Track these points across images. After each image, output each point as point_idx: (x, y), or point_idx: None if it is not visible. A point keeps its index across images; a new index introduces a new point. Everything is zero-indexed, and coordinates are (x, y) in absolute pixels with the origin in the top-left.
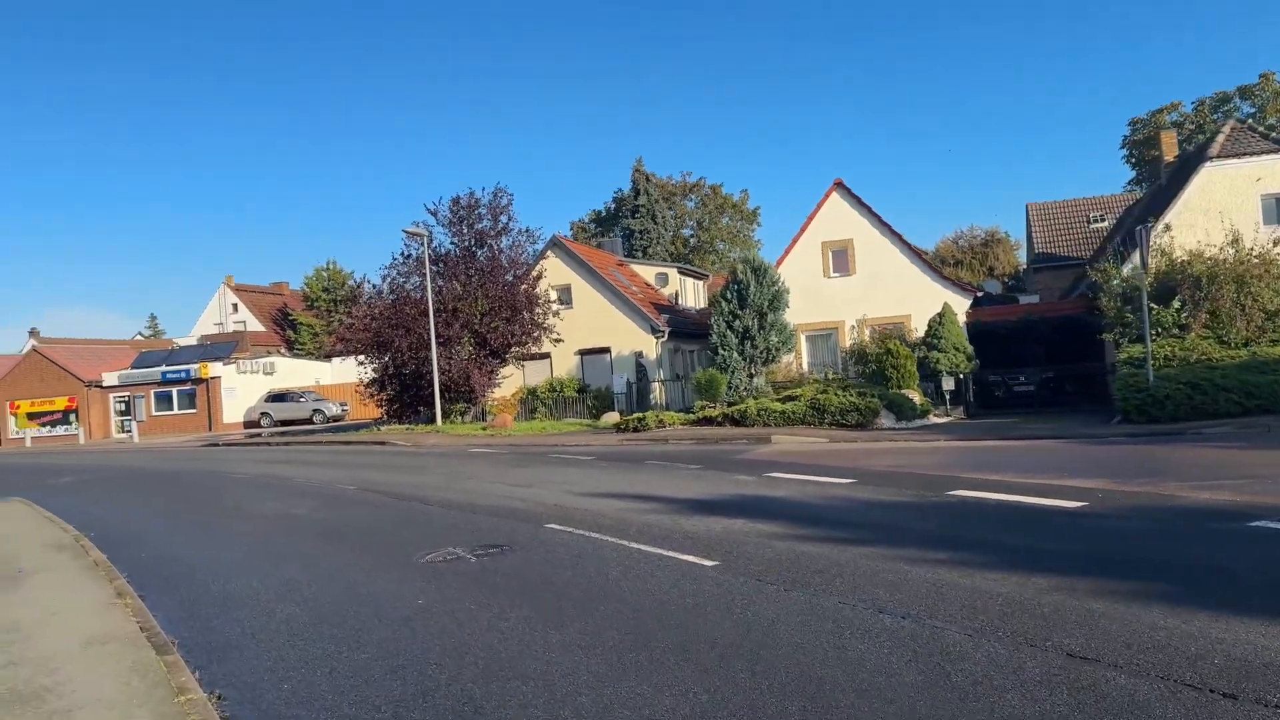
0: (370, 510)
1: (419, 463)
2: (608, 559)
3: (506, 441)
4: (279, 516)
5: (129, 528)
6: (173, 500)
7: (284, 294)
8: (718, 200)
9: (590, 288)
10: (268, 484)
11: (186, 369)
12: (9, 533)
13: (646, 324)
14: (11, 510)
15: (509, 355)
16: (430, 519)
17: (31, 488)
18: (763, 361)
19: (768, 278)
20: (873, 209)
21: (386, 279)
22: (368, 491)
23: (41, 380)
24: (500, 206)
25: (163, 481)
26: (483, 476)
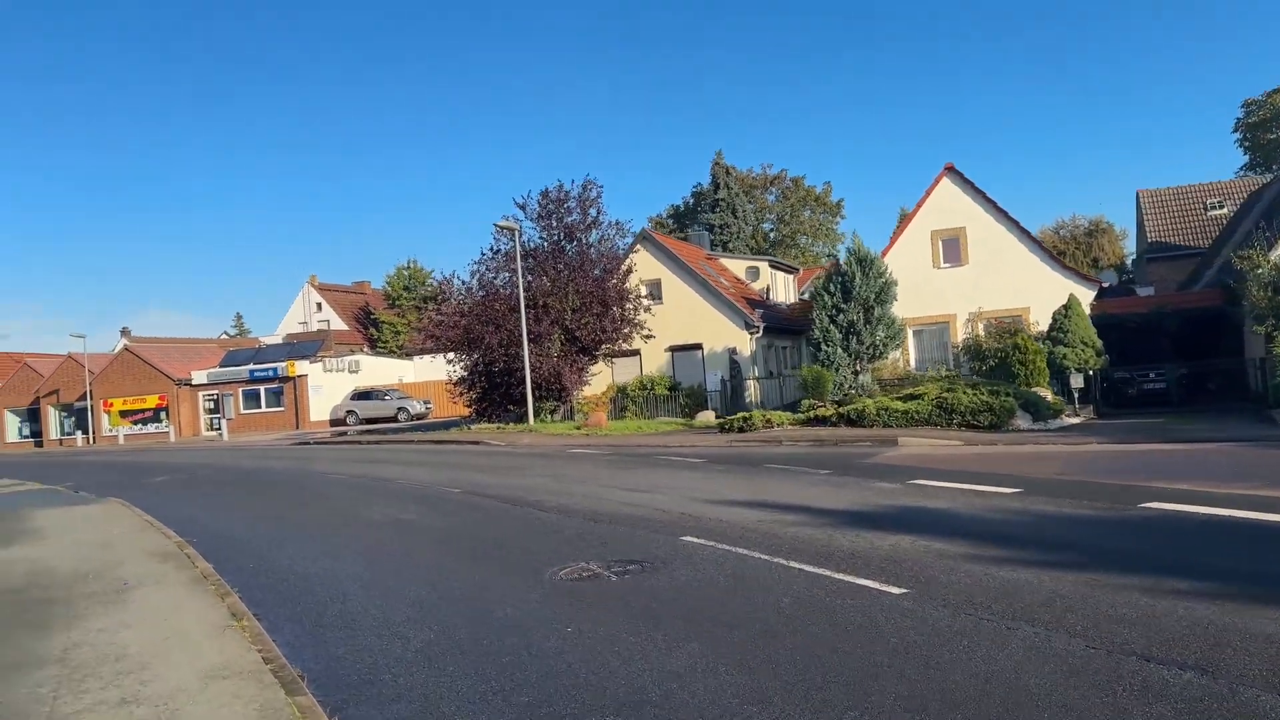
0: (484, 517)
1: (520, 463)
2: (770, 582)
3: (605, 441)
4: (389, 523)
5: (232, 534)
6: (273, 503)
7: (366, 293)
8: (799, 193)
9: (681, 282)
10: (369, 486)
11: (273, 367)
12: (110, 538)
13: (740, 319)
14: (110, 512)
15: (599, 352)
16: (550, 528)
17: (127, 487)
18: (869, 358)
19: (874, 269)
20: (987, 194)
21: (476, 274)
22: (475, 495)
23: (133, 379)
24: (589, 199)
25: (259, 482)
26: (593, 479)
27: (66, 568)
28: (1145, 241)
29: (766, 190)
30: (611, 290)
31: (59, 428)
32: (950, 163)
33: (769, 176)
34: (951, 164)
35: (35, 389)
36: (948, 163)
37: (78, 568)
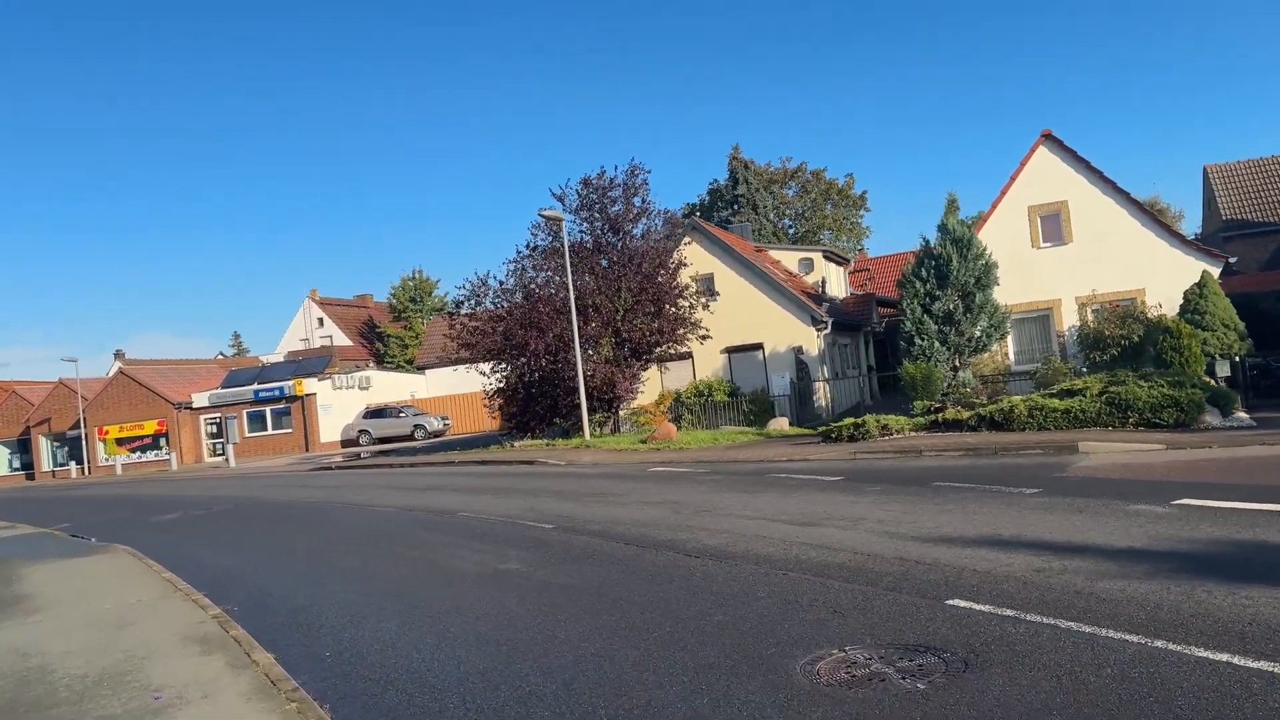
0: (614, 566)
1: (603, 488)
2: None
3: (687, 456)
4: (491, 577)
5: (284, 595)
6: (320, 547)
7: (369, 306)
8: (821, 186)
9: (737, 276)
10: (432, 522)
11: (279, 386)
12: (124, 610)
13: (806, 314)
14: (119, 566)
15: (653, 356)
16: (726, 585)
17: (134, 527)
18: (970, 351)
19: (972, 250)
20: (1091, 163)
21: (513, 273)
22: (576, 533)
23: (129, 403)
24: (635, 186)
25: (292, 518)
26: (720, 508)
27: (70, 668)
28: (1219, 219)
29: (786, 185)
30: (665, 287)
31: (51, 459)
32: (1048, 129)
33: (788, 170)
34: (1049, 131)
35: (25, 418)
36: (1045, 129)
37: (86, 668)
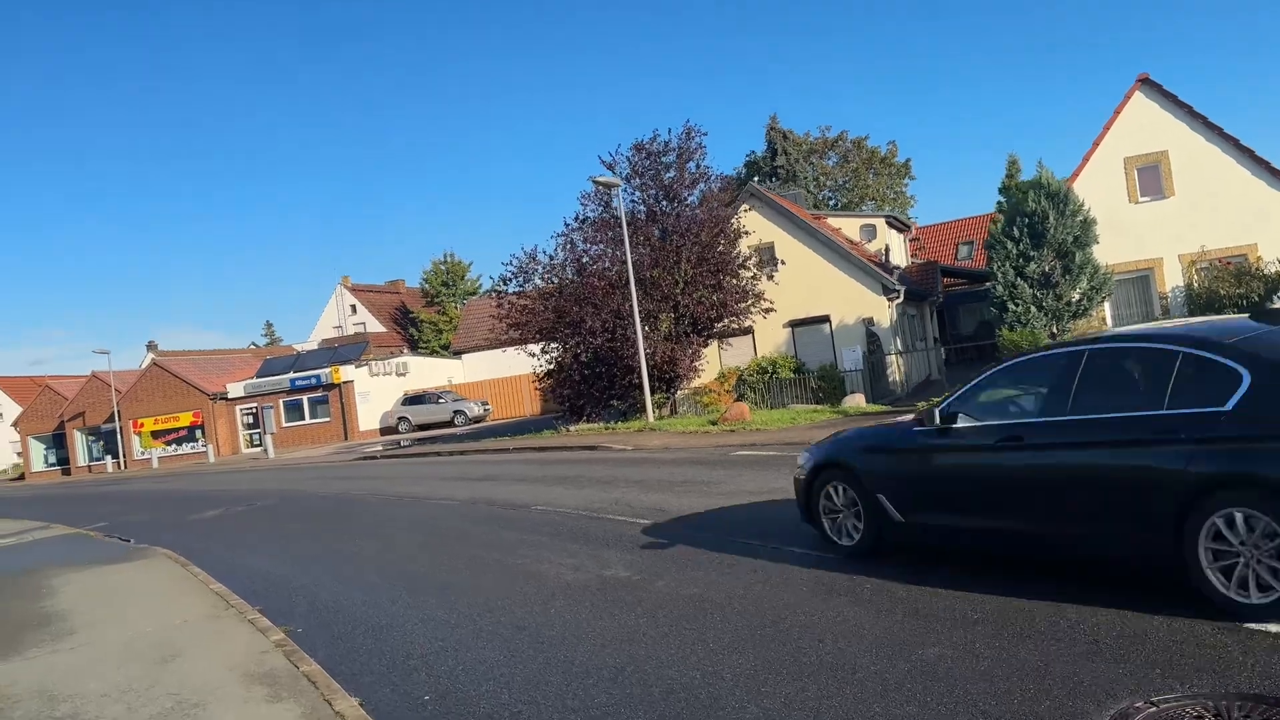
0: (754, 574)
1: (688, 475)
2: None
3: (769, 439)
4: (598, 587)
5: (356, 612)
6: (385, 549)
7: (401, 292)
8: (862, 155)
9: (800, 244)
10: (504, 518)
11: (316, 374)
12: (170, 633)
13: (876, 283)
14: (161, 574)
15: (714, 331)
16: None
17: (174, 527)
18: (1070, 315)
19: (1070, 205)
20: (1193, 109)
21: (562, 247)
22: (677, 530)
23: (163, 395)
24: (690, 150)
25: (344, 515)
26: None
27: (106, 717)
28: None
29: (825, 155)
30: (725, 257)
31: (86, 453)
32: (1144, 73)
33: (828, 139)
34: (1146, 75)
35: (59, 413)
36: (1141, 74)
37: (126, 716)
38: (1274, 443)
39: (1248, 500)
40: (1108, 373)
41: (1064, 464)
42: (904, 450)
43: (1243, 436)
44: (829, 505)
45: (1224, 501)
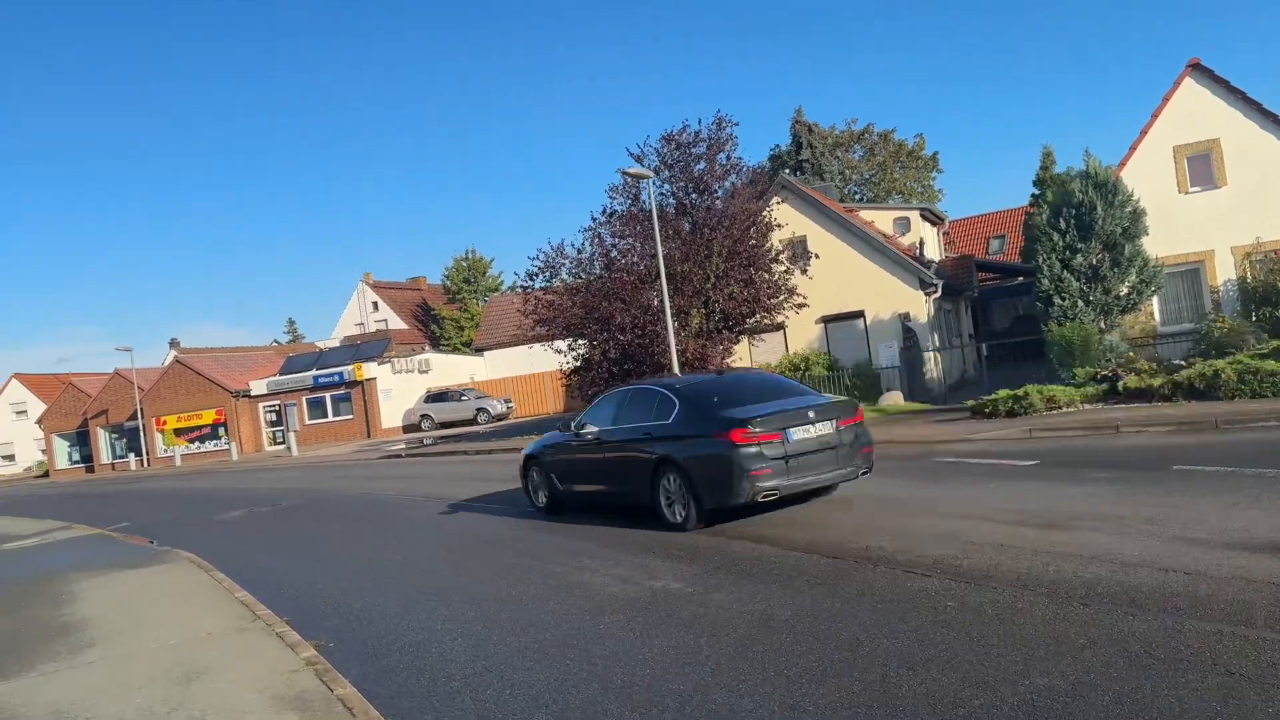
0: (818, 589)
1: None
2: None
3: None
4: (648, 601)
5: (388, 625)
6: (416, 555)
7: (422, 289)
8: (889, 148)
9: (833, 237)
10: (539, 522)
11: (339, 371)
12: (195, 648)
13: (913, 277)
14: (184, 581)
15: (746, 327)
16: (993, 617)
17: (197, 527)
18: (1119, 310)
19: (1119, 195)
20: (1246, 95)
21: (590, 240)
22: (728, 538)
23: (186, 393)
24: (721, 141)
25: (372, 517)
26: (906, 503)
27: None
28: None
29: (851, 148)
30: (757, 250)
31: (110, 451)
32: (1195, 58)
33: (854, 132)
34: (1197, 60)
35: (83, 410)
36: (1192, 58)
37: None
38: (686, 440)
39: (674, 469)
40: (634, 403)
41: (616, 453)
42: (560, 447)
43: (675, 436)
44: (532, 481)
45: (666, 470)
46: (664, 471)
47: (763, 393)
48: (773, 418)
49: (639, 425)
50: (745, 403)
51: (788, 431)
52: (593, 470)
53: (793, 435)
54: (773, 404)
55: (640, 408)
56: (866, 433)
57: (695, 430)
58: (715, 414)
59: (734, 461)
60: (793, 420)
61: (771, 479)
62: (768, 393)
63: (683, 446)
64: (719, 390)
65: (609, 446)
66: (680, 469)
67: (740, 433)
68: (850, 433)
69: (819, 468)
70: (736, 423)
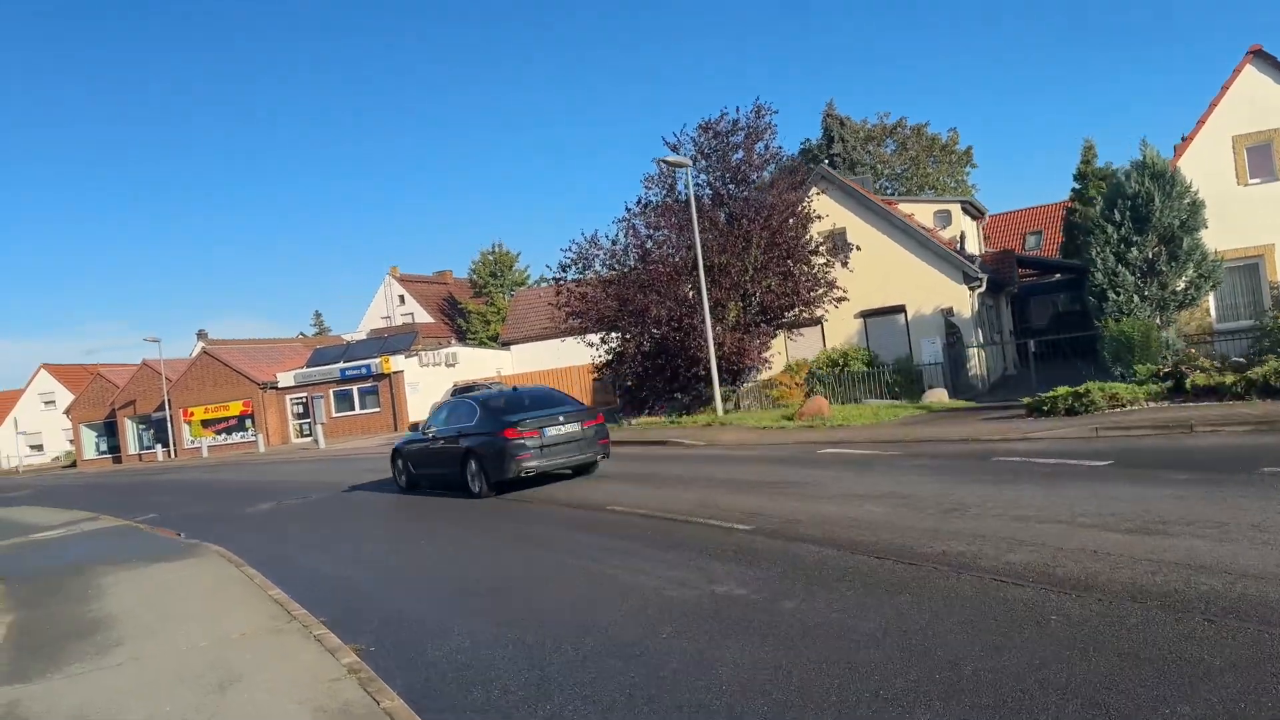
0: (901, 596)
1: (779, 475)
2: None
3: (855, 435)
4: (712, 608)
5: (430, 627)
6: (454, 552)
7: (448, 283)
8: (922, 142)
9: (873, 229)
10: (581, 520)
11: (366, 364)
12: (226, 650)
13: (957, 271)
14: (214, 576)
15: (784, 321)
16: (1108, 632)
17: (226, 520)
18: (1175, 305)
19: (1176, 186)
20: None
21: (624, 231)
22: (787, 539)
23: (214, 384)
24: (759, 130)
25: (405, 511)
26: (973, 506)
27: None
28: None
29: (883, 142)
30: (796, 242)
31: (137, 441)
32: (1257, 45)
33: (886, 126)
34: (1259, 46)
35: (110, 401)
36: (1254, 45)
37: None
38: (481, 436)
39: (474, 456)
40: (455, 410)
41: (445, 447)
42: (414, 442)
43: (475, 433)
44: (396, 468)
45: (470, 457)
46: (469, 458)
47: (537, 403)
48: (534, 421)
49: (456, 427)
50: (521, 411)
51: (544, 429)
52: (432, 458)
53: (548, 432)
54: (539, 411)
55: (458, 414)
56: (605, 430)
57: (487, 430)
58: (499, 419)
59: (506, 450)
60: (547, 422)
61: (531, 461)
62: (540, 403)
63: (479, 441)
64: (507, 402)
65: (441, 442)
66: (477, 456)
67: (512, 431)
68: (591, 430)
69: (566, 454)
70: (510, 424)
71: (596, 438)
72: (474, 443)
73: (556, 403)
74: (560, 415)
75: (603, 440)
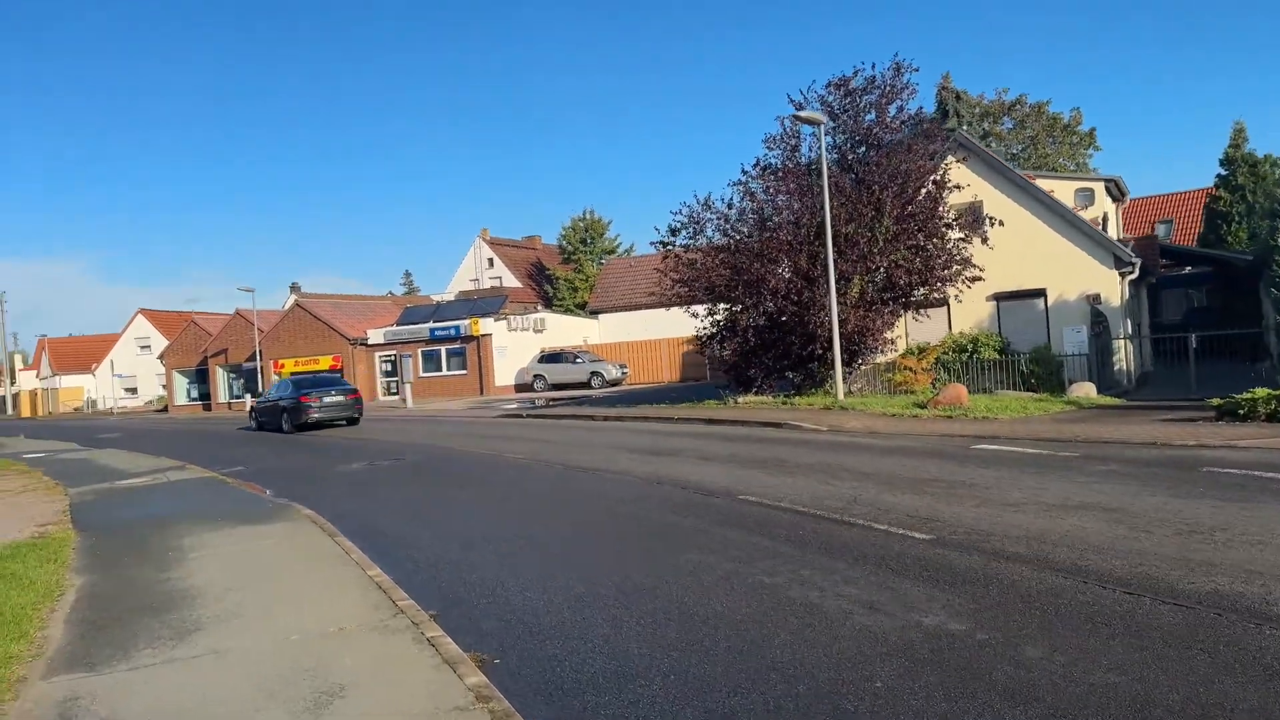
0: (1200, 656)
1: (932, 471)
2: None
3: (1003, 430)
4: (929, 649)
5: (567, 633)
6: (578, 541)
7: (537, 248)
8: (1042, 120)
9: (1013, 204)
10: (715, 510)
11: (455, 325)
12: (325, 651)
13: (1106, 253)
14: (306, 549)
15: (913, 299)
16: None
17: (316, 480)
18: None
19: None
20: None
21: (740, 193)
22: (990, 556)
23: (304, 338)
24: (896, 90)
25: (507, 483)
26: (1234, 528)
27: None
28: None
29: (1000, 120)
30: (930, 214)
31: (227, 390)
32: None
33: (1005, 103)
34: None
35: (203, 348)
36: None
37: None
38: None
39: (284, 411)
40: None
41: (274, 405)
42: (264, 401)
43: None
44: (251, 415)
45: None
46: (281, 411)
47: (320, 384)
48: (317, 392)
49: (280, 395)
50: (314, 387)
51: (324, 398)
52: (267, 412)
53: (325, 399)
54: (322, 389)
55: (283, 388)
56: (360, 400)
57: (293, 396)
58: (299, 390)
59: (300, 408)
60: (325, 394)
61: (315, 414)
62: (323, 384)
63: (289, 402)
64: (307, 382)
65: (274, 402)
66: (286, 411)
67: (305, 398)
68: (351, 400)
69: (336, 413)
70: (305, 393)
71: (355, 405)
72: (286, 404)
73: (334, 384)
74: (333, 390)
75: (358, 407)
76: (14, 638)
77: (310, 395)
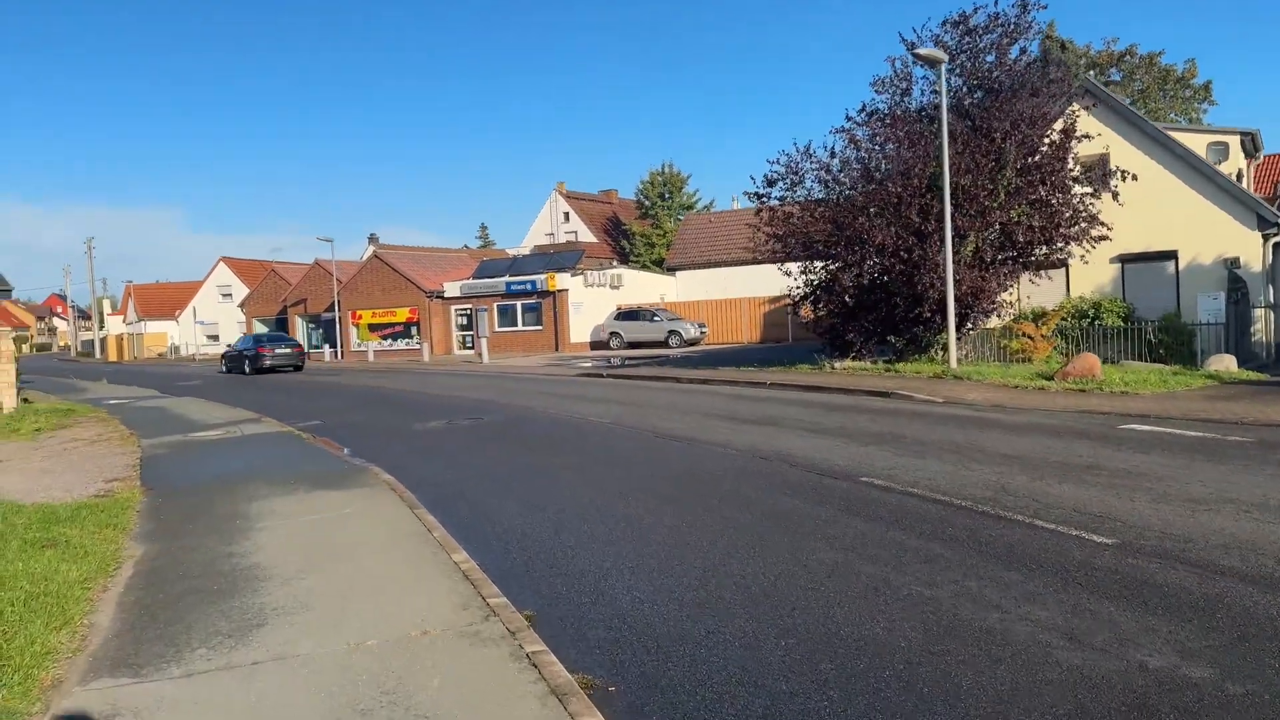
0: None
1: (1087, 456)
2: None
3: (1150, 408)
4: None
5: (695, 651)
6: (689, 529)
7: (613, 202)
8: (1154, 73)
9: (1143, 156)
10: (837, 493)
11: (531, 280)
12: (411, 662)
13: (1248, 213)
14: (385, 522)
15: (1033, 259)
16: None
17: (393, 438)
18: None
19: None
20: None
21: (844, 142)
22: (1208, 573)
23: (382, 289)
24: (1021, 28)
25: (597, 451)
26: None
27: None
28: None
29: (1107, 71)
30: (1055, 165)
31: (306, 340)
32: None
33: (1114, 53)
34: None
35: (282, 298)
36: None
37: None
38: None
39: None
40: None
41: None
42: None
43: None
44: (225, 360)
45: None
46: (244, 358)
47: (274, 340)
48: (270, 344)
49: (244, 346)
50: (270, 342)
51: (276, 350)
52: (234, 360)
53: (277, 350)
54: (276, 343)
55: (244, 342)
56: (304, 354)
57: (253, 348)
58: (258, 344)
59: (258, 356)
60: (278, 347)
61: (268, 361)
62: (276, 340)
63: (250, 352)
64: (265, 338)
65: (239, 351)
66: (248, 358)
67: (263, 349)
68: (297, 354)
69: (284, 360)
70: (263, 345)
71: (299, 355)
72: (247, 353)
73: (282, 340)
74: (282, 344)
75: (302, 357)
76: (57, 625)
77: (265, 347)
